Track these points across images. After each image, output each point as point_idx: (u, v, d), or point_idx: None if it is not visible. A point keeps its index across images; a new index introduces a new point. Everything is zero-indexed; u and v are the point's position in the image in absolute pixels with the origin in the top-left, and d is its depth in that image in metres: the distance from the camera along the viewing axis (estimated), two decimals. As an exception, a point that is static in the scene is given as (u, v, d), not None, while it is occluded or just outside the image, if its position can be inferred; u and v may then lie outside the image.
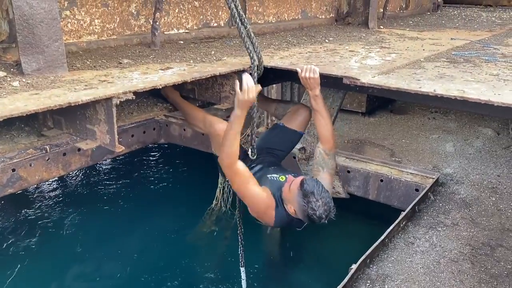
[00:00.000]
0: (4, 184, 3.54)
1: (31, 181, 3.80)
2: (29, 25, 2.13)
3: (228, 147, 2.38)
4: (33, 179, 3.75)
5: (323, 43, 3.77)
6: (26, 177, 3.68)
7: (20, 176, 3.65)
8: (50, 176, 4.03)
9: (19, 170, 3.62)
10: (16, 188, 3.67)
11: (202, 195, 4.87)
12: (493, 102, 1.93)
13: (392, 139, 4.86)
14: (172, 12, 3.43)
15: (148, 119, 4.45)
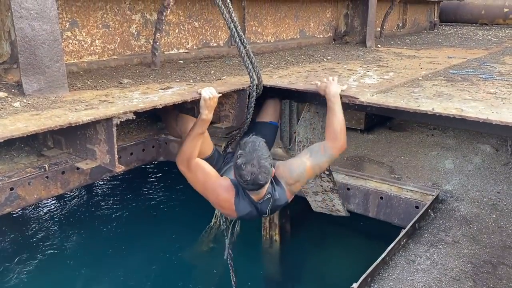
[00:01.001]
0: (2, 203, 3.51)
1: (29, 200, 3.77)
2: (31, 47, 2.16)
3: (189, 144, 2.38)
4: (31, 197, 3.73)
5: (322, 62, 3.81)
6: (24, 195, 3.66)
7: (19, 195, 3.62)
8: (48, 195, 3.99)
9: (17, 189, 3.59)
10: (14, 207, 3.64)
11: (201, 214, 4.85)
12: (491, 121, 1.93)
13: (391, 156, 4.85)
14: (172, 32, 3.47)
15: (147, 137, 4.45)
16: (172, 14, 3.41)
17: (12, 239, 4.75)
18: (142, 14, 3.21)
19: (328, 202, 3.46)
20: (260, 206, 2.40)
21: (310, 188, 3.53)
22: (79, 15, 2.83)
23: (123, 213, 5.27)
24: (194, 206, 5.19)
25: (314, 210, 3.52)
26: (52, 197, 4.48)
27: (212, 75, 3.03)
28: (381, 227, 4.00)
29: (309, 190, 3.60)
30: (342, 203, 4.00)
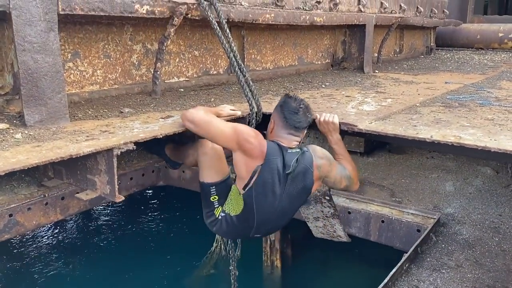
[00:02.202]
0: (1, 229, 3.49)
1: (28, 226, 3.74)
2: (33, 79, 2.19)
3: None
4: (30, 224, 3.70)
5: (320, 88, 3.85)
6: (23, 222, 3.63)
7: (18, 221, 3.60)
8: (47, 221, 3.96)
9: (16, 215, 3.58)
10: (13, 233, 3.61)
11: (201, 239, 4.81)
12: (490, 148, 1.95)
13: (392, 178, 4.85)
14: (172, 61, 3.52)
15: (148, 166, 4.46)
16: (173, 44, 3.47)
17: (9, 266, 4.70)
18: (143, 44, 3.27)
19: (329, 228, 3.44)
20: (286, 155, 2.29)
21: (310, 213, 3.52)
22: (81, 46, 2.88)
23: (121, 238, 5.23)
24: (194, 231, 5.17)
25: (315, 236, 3.50)
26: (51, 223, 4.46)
27: (212, 102, 3.06)
28: (383, 252, 3.97)
29: (309, 215, 3.59)
30: (343, 229, 3.98)
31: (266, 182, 2.26)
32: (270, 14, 3.71)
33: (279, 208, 2.35)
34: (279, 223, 2.55)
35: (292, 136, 2.38)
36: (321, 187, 2.87)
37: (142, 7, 2.64)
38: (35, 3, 2.13)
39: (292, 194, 2.35)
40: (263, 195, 2.28)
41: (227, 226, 2.46)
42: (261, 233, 2.54)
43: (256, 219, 2.36)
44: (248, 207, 2.33)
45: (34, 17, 2.13)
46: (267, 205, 2.31)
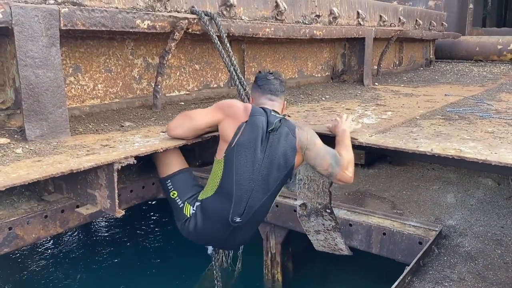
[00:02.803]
0: (0, 243, 3.47)
1: (27, 240, 3.71)
2: (35, 93, 2.20)
3: None
4: (29, 237, 3.67)
5: (320, 101, 3.86)
6: (23, 235, 3.61)
7: (17, 234, 3.58)
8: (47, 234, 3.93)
9: (15, 229, 3.55)
10: (13, 247, 3.59)
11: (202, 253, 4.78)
12: (490, 161, 1.95)
13: (393, 190, 4.82)
14: (173, 75, 3.54)
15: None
16: (174, 58, 3.49)
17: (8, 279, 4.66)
18: (144, 58, 3.29)
19: (330, 241, 3.43)
20: (270, 116, 2.29)
21: (311, 227, 3.50)
22: (82, 61, 2.90)
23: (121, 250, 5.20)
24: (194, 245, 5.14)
25: (316, 249, 3.48)
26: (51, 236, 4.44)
27: (212, 116, 3.07)
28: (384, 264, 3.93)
29: (310, 229, 3.57)
30: (344, 242, 3.95)
31: (249, 139, 2.22)
32: (270, 28, 3.74)
33: (259, 174, 2.24)
34: (258, 199, 2.29)
35: (271, 101, 2.43)
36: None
37: (143, 22, 2.67)
38: (37, 19, 2.15)
39: (273, 161, 2.24)
40: (244, 155, 2.21)
41: (202, 219, 2.32)
42: (242, 215, 2.26)
43: (235, 185, 2.22)
44: (227, 171, 2.23)
45: (36, 32, 2.15)
46: (247, 166, 2.21)
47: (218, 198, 2.28)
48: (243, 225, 2.29)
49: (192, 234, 2.42)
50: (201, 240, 2.50)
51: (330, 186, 3.16)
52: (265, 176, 2.24)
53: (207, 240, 2.48)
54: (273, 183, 2.28)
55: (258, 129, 2.23)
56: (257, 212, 2.32)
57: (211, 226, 2.33)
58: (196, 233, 2.38)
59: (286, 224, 4.06)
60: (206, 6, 3.31)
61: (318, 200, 3.19)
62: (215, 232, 2.35)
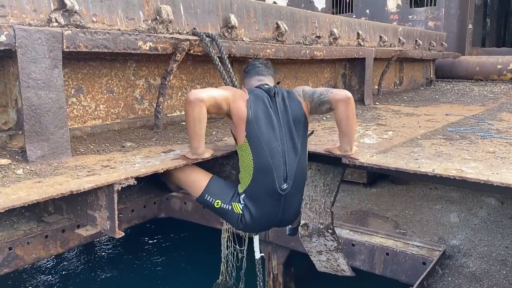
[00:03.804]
0: (0, 263, 3.44)
1: (27, 260, 3.69)
2: (37, 114, 2.22)
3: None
4: (29, 257, 3.65)
5: (321, 121, 3.87)
6: (23, 255, 3.59)
7: (17, 254, 3.55)
8: (47, 255, 3.91)
9: (15, 249, 3.52)
10: (12, 267, 3.56)
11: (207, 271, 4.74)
12: (492, 182, 1.94)
13: (395, 210, 4.80)
14: (175, 95, 3.57)
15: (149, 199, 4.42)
16: (175, 79, 3.52)
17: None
18: (146, 79, 3.32)
19: (332, 262, 3.39)
20: (264, 87, 2.47)
21: (314, 247, 3.47)
22: (84, 82, 2.92)
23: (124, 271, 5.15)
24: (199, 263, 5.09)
25: (319, 270, 3.43)
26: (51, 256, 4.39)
27: (213, 136, 3.08)
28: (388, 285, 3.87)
29: (313, 249, 3.53)
30: (347, 263, 3.91)
31: (260, 109, 2.35)
32: (271, 49, 3.78)
33: (283, 135, 2.37)
34: (292, 158, 2.38)
35: (259, 81, 2.58)
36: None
37: (145, 43, 2.70)
38: (40, 41, 2.18)
39: (288, 118, 2.40)
40: (263, 123, 2.33)
41: (254, 205, 2.39)
42: (286, 179, 2.35)
43: (268, 153, 2.32)
44: (255, 147, 2.32)
45: (39, 54, 2.18)
46: (270, 132, 2.33)
47: (259, 178, 2.35)
48: (291, 191, 2.40)
49: (251, 226, 2.47)
50: (261, 226, 2.57)
51: (331, 206, 3.14)
52: (289, 134, 2.38)
53: (266, 222, 2.52)
54: (298, 139, 2.41)
55: (262, 98, 2.39)
56: (298, 172, 2.41)
57: (264, 206, 2.41)
58: (254, 222, 2.44)
59: (288, 244, 4.03)
60: (208, 28, 3.36)
61: (320, 220, 3.17)
62: (270, 210, 2.42)
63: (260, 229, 2.69)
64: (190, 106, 2.27)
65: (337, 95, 2.43)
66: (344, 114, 2.41)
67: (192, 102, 2.25)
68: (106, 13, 2.68)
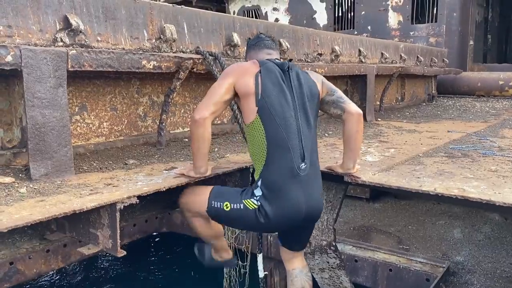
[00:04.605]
0: (1, 278, 3.42)
1: (28, 275, 3.66)
2: (41, 133, 2.24)
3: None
4: (30, 272, 3.63)
5: (323, 137, 3.88)
6: (24, 270, 3.57)
7: (18, 269, 3.53)
8: (48, 269, 3.88)
9: (17, 263, 3.51)
10: (13, 282, 3.54)
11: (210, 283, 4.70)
12: (494, 202, 1.94)
13: (398, 225, 4.77)
14: (178, 112, 3.60)
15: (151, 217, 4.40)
16: (178, 96, 3.55)
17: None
18: (149, 96, 3.35)
19: (335, 279, 3.36)
20: (275, 61, 2.30)
21: (316, 265, 3.45)
22: (88, 100, 2.95)
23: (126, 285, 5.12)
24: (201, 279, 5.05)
25: (321, 287, 3.41)
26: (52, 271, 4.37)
27: (216, 152, 3.09)
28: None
29: (315, 267, 3.51)
30: (349, 280, 3.88)
31: (272, 83, 2.20)
32: (273, 66, 3.82)
33: (297, 111, 2.22)
34: (307, 135, 2.23)
35: (269, 54, 2.40)
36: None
37: (149, 62, 2.74)
38: (45, 61, 2.21)
39: (302, 93, 2.26)
40: (276, 98, 2.18)
41: (272, 194, 2.15)
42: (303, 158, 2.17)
43: (283, 129, 2.15)
44: (268, 123, 2.15)
45: (44, 74, 2.21)
46: (284, 107, 2.18)
47: (274, 157, 2.16)
48: (309, 172, 2.19)
49: (273, 221, 2.18)
50: (286, 219, 2.20)
51: (334, 222, 3.14)
52: (303, 110, 2.24)
53: (291, 213, 2.19)
54: (311, 116, 2.28)
55: (274, 72, 2.23)
56: (313, 151, 2.25)
57: (286, 192, 2.15)
58: (277, 215, 2.16)
59: (290, 262, 3.99)
60: (211, 46, 3.40)
61: (322, 237, 3.16)
62: (291, 196, 2.15)
63: (284, 222, 2.23)
64: (195, 125, 2.21)
65: (353, 109, 2.35)
66: (354, 129, 2.35)
67: (197, 122, 2.19)
68: (110, 32, 2.72)
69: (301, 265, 2.66)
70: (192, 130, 2.25)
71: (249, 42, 2.55)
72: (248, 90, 2.18)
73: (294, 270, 2.65)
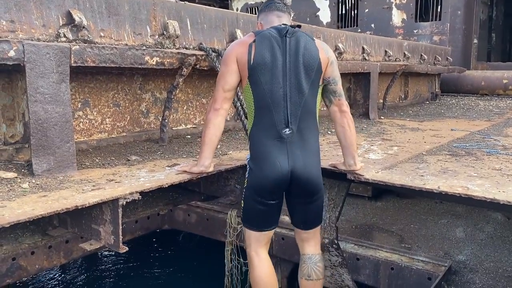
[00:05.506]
0: (3, 274, 3.43)
1: (30, 271, 3.67)
2: (43, 128, 2.23)
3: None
4: (32, 268, 3.64)
5: (326, 135, 3.87)
6: (26, 266, 3.58)
7: (20, 265, 3.54)
8: (50, 265, 3.89)
9: (19, 259, 3.52)
10: (15, 278, 3.55)
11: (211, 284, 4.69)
12: (498, 200, 1.92)
13: (400, 224, 4.75)
14: (180, 109, 3.59)
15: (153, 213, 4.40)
16: (181, 92, 3.55)
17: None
18: (152, 93, 3.34)
19: (337, 277, 3.36)
20: (279, 26, 2.25)
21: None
22: (91, 96, 2.95)
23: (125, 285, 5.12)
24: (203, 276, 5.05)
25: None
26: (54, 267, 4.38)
27: (218, 149, 3.08)
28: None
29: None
30: (351, 279, 3.87)
31: (263, 49, 2.19)
32: (276, 63, 3.80)
33: (286, 77, 2.20)
34: (296, 103, 2.20)
35: (278, 17, 2.34)
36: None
37: (152, 58, 2.73)
38: (48, 56, 2.21)
39: (297, 60, 2.21)
40: (265, 64, 2.18)
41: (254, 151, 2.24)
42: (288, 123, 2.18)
43: (268, 93, 2.18)
44: (255, 88, 2.19)
45: (47, 69, 2.21)
46: (272, 72, 2.18)
47: (259, 121, 2.22)
48: (296, 138, 2.19)
49: (259, 178, 2.22)
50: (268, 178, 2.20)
51: (336, 220, 3.13)
52: (294, 77, 2.21)
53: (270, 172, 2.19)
54: (304, 83, 2.22)
55: (268, 38, 2.21)
56: (303, 119, 2.23)
57: (265, 153, 2.19)
58: (259, 176, 2.22)
59: (292, 258, 3.99)
60: (214, 42, 3.39)
61: (324, 235, 3.15)
62: (271, 157, 2.17)
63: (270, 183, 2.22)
64: (214, 114, 2.29)
65: (341, 103, 2.37)
66: (340, 125, 2.39)
67: (217, 110, 2.28)
68: (113, 28, 2.71)
69: (312, 251, 2.58)
70: (209, 118, 2.30)
71: (262, 5, 2.50)
72: (243, 61, 2.21)
73: (304, 256, 2.60)
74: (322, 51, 2.29)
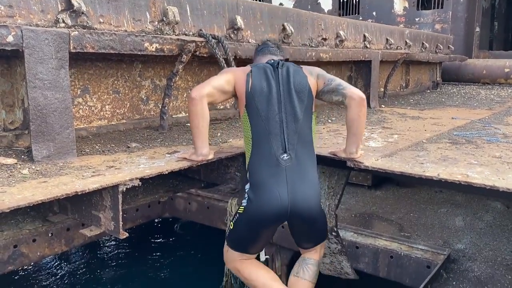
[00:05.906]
0: (5, 261, 3.46)
1: (32, 258, 3.70)
2: (43, 114, 2.23)
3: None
4: (34, 255, 3.67)
5: (326, 123, 3.86)
6: (28, 253, 3.60)
7: (22, 252, 3.57)
8: (52, 252, 3.92)
9: (21, 246, 3.54)
10: (17, 265, 3.58)
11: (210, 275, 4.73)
12: (498, 188, 1.92)
13: (400, 213, 4.77)
14: (180, 97, 3.58)
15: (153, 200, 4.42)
16: (181, 80, 3.53)
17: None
18: (151, 80, 3.33)
19: (336, 264, 3.38)
20: (270, 61, 2.44)
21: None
22: (90, 82, 2.94)
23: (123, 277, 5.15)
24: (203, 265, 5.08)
25: (322, 272, 3.42)
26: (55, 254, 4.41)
27: (218, 137, 3.08)
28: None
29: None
30: (350, 266, 3.89)
31: (260, 79, 2.33)
32: (277, 50, 3.78)
33: (282, 104, 2.30)
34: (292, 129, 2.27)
35: (273, 51, 2.57)
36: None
37: (152, 45, 2.71)
38: (47, 42, 2.19)
39: (290, 88, 2.34)
40: (261, 92, 2.29)
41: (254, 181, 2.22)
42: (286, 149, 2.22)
43: (265, 121, 2.25)
44: (253, 115, 2.28)
45: (46, 55, 2.19)
46: (268, 100, 2.28)
47: (258, 150, 2.26)
48: (294, 164, 2.22)
49: (259, 210, 2.22)
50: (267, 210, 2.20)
51: (336, 208, 3.14)
52: (289, 103, 2.32)
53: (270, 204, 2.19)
54: (299, 110, 2.32)
55: (263, 69, 2.37)
56: (300, 145, 2.27)
57: (265, 183, 2.19)
58: (259, 206, 2.21)
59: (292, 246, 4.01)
60: (214, 29, 3.36)
61: (324, 223, 3.16)
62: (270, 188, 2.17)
63: (270, 215, 2.22)
64: (192, 103, 2.27)
65: (354, 93, 2.38)
66: (356, 113, 2.36)
67: (194, 99, 2.25)
68: (113, 14, 2.69)
69: (308, 255, 2.65)
70: (190, 108, 2.30)
71: (256, 48, 2.70)
72: (241, 89, 2.33)
73: (301, 257, 2.72)
74: (310, 76, 2.44)
